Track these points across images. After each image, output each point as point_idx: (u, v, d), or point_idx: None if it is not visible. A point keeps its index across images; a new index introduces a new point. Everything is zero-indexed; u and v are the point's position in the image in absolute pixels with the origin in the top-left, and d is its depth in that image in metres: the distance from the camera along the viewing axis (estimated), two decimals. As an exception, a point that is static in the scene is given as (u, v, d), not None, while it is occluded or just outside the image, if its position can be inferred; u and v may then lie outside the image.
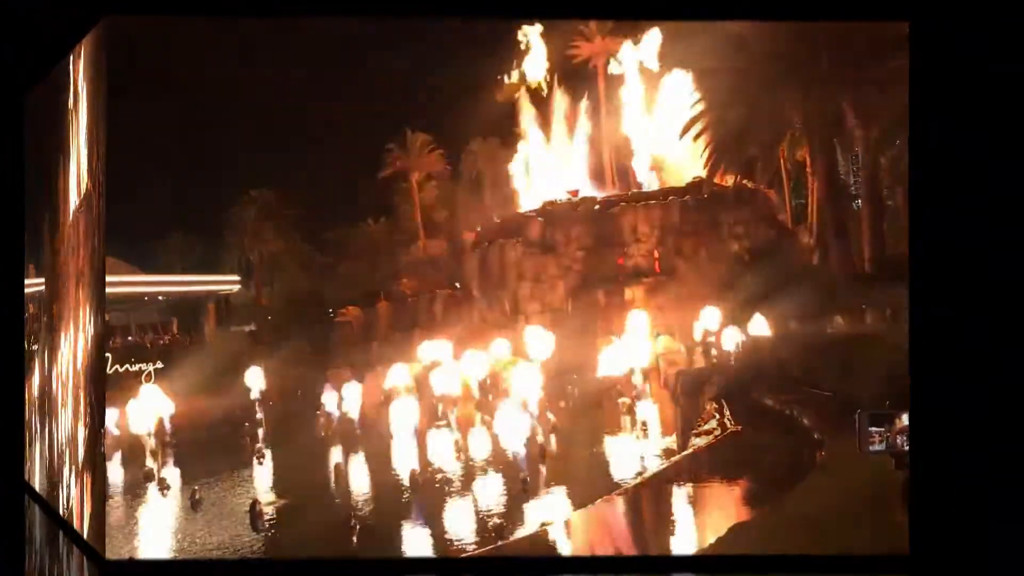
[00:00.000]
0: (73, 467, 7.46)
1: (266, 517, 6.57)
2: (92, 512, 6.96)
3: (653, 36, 10.78)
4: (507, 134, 8.84)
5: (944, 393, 7.38)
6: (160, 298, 6.64)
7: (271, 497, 6.45)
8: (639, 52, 8.91)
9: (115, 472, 6.10)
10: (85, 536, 7.23)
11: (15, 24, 9.54)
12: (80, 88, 7.61)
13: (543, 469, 6.78)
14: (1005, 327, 7.52)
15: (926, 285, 7.13)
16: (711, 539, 6.82)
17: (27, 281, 9.74)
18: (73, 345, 7.48)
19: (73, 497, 7.62)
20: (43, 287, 9.27)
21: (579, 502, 6.89)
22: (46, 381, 8.71)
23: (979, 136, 7.58)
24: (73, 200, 8.01)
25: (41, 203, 9.20)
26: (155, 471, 6.05)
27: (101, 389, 6.70)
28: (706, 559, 6.81)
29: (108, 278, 6.71)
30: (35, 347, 9.66)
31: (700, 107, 7.84)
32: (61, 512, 7.97)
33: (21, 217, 9.81)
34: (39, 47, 9.48)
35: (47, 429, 8.88)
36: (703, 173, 8.55)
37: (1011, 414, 7.54)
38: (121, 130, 6.52)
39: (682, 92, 7.99)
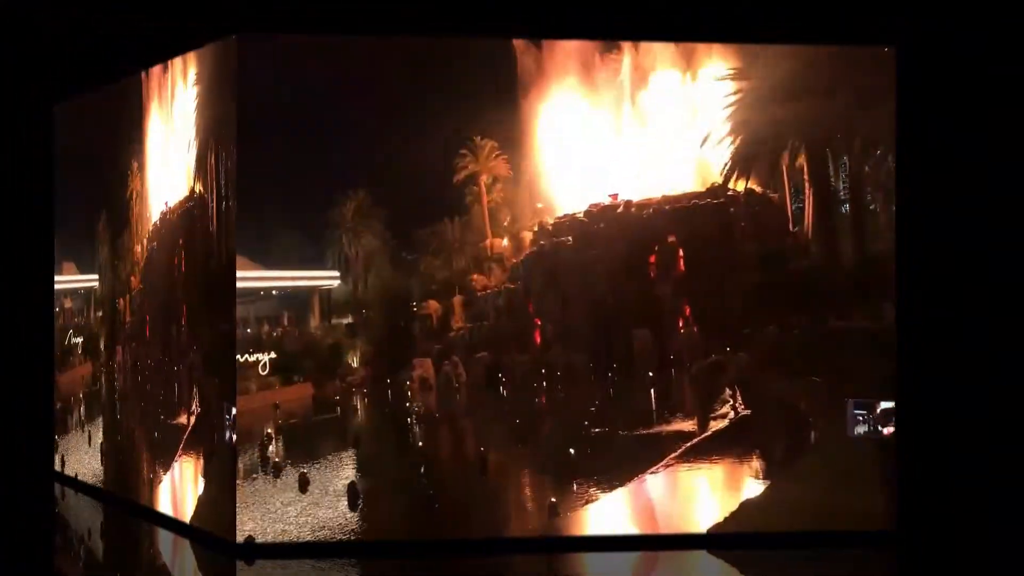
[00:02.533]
0: (184, 457, 8.35)
1: (361, 497, 7.50)
2: (213, 498, 7.90)
3: (683, 52, 11.29)
4: (559, 141, 9.26)
5: (927, 379, 8.46)
6: (274, 292, 6.88)
7: (366, 477, 7.26)
8: (669, 67, 9.35)
9: (237, 457, 6.94)
10: (199, 521, 8.02)
11: (47, 35, 10.46)
12: (181, 96, 8.52)
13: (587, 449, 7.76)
14: (984, 318, 8.67)
15: (908, 281, 8.25)
16: (726, 514, 7.84)
17: (66, 278, 10.70)
18: (186, 339, 8.43)
19: (177, 485, 8.42)
20: (95, 283, 10.15)
21: (619, 482, 7.98)
22: (125, 374, 9.60)
23: (961, 149, 8.70)
24: (162, 202, 8.89)
25: (91, 204, 10.05)
26: (270, 455, 6.74)
27: (231, 381, 7.57)
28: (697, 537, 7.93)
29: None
30: (78, 339, 10.60)
31: (718, 118, 8.39)
32: (154, 502, 8.74)
33: (51, 219, 10.77)
34: (72, 59, 10.42)
35: (119, 421, 9.58)
36: (719, 179, 9.14)
37: (993, 397, 8.68)
38: (247, 140, 7.52)
39: (704, 105, 8.47)
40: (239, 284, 7.54)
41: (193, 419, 8.19)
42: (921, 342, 8.34)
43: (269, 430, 7.61)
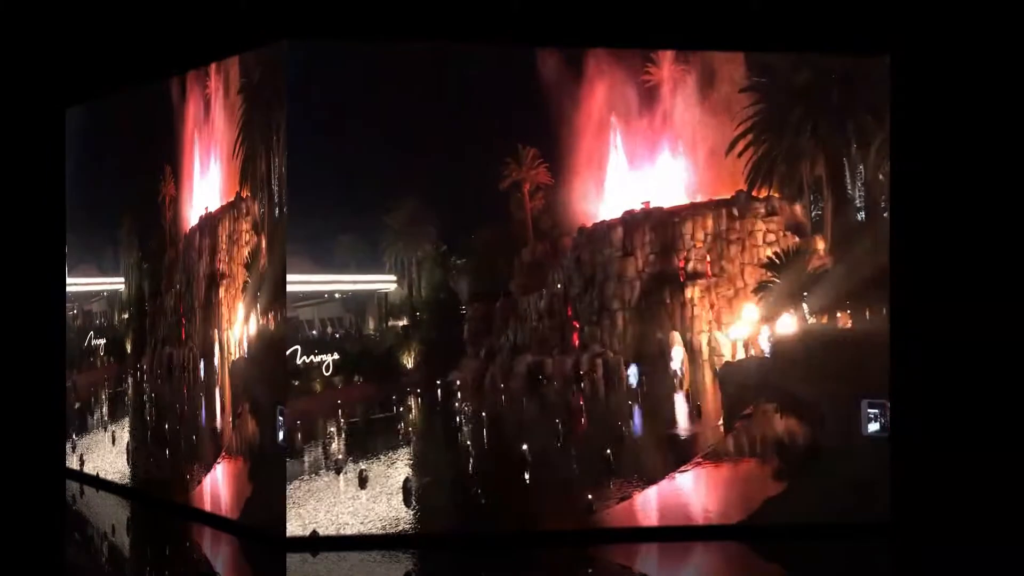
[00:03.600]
0: (231, 455, 8.41)
1: (415, 493, 7.75)
2: (266, 495, 7.93)
3: (711, 64, 11.45)
4: (597, 151, 9.36)
5: (921, 375, 8.90)
6: (337, 295, 6.97)
7: (420, 474, 7.47)
8: (698, 78, 9.50)
9: (298, 455, 7.05)
10: (250, 518, 8.15)
11: (59, 41, 10.58)
12: (226, 101, 8.65)
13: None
14: (972, 319, 9.11)
15: (901, 283, 8.63)
16: (753, 508, 8.15)
17: (85, 280, 10.81)
18: (233, 341, 8.52)
19: (223, 483, 8.53)
20: (120, 286, 10.19)
21: (653, 478, 8.30)
22: (160, 375, 9.53)
23: (955, 156, 9.12)
24: (203, 206, 8.91)
25: (118, 207, 10.10)
26: (332, 452, 6.89)
27: (282, 382, 7.75)
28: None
29: (293, 276, 7.72)
30: (99, 341, 10.70)
31: (742, 128, 8.69)
32: (199, 500, 8.81)
33: (63, 222, 10.73)
34: (83, 65, 10.54)
35: (152, 421, 9.67)
36: (744, 186, 9.43)
37: (984, 393, 9.12)
38: (299, 145, 7.71)
39: (728, 115, 8.69)
40: (303, 287, 7.75)
41: (238, 419, 8.36)
42: (913, 340, 8.75)
43: (332, 428, 7.85)
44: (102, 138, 10.33)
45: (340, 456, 7.75)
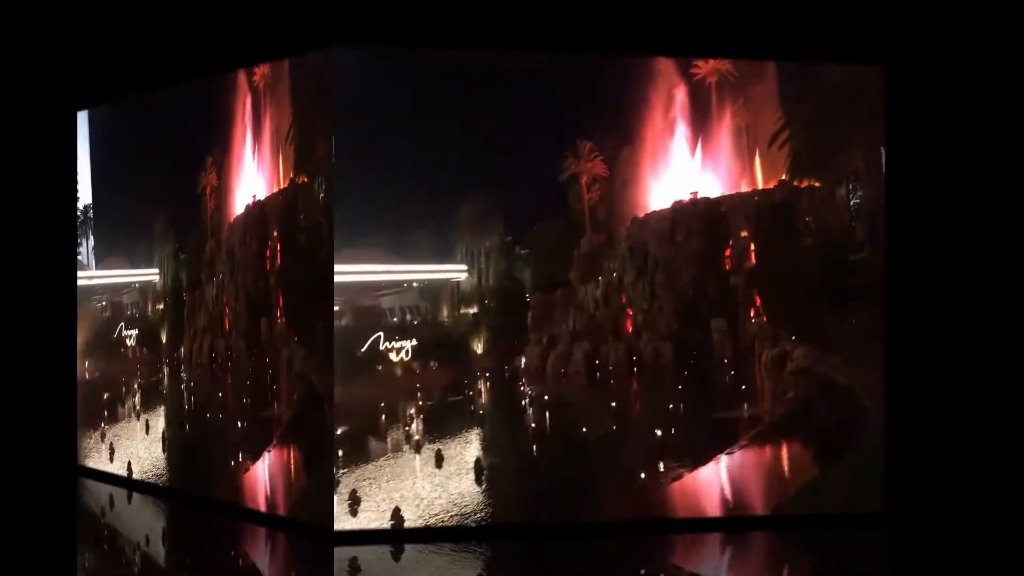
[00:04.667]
0: (284, 443, 8.49)
1: (486, 473, 8.00)
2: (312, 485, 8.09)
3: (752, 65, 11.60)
4: (649, 143, 9.45)
5: (918, 365, 9.01)
6: (415, 284, 7.07)
7: (489, 454, 7.71)
8: (742, 71, 9.63)
9: (383, 435, 7.28)
10: (304, 510, 8.24)
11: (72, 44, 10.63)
12: (280, 93, 8.71)
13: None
14: (971, 319, 9.42)
15: (897, 281, 8.92)
16: (791, 492, 8.40)
17: (113, 272, 10.85)
18: (283, 329, 8.59)
19: (267, 476, 8.61)
20: (154, 277, 10.20)
21: (702, 459, 8.56)
22: (200, 365, 9.56)
23: (950, 166, 9.41)
24: (249, 195, 8.95)
25: (152, 201, 10.12)
26: (411, 433, 7.08)
27: (330, 377, 7.89)
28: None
29: (371, 267, 7.91)
30: (131, 332, 10.74)
31: (783, 119, 8.89)
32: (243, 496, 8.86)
33: (74, 219, 10.91)
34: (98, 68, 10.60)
35: (192, 412, 9.69)
36: (785, 176, 9.61)
37: (981, 386, 9.42)
38: (372, 143, 7.85)
39: (772, 106, 8.88)
40: (383, 277, 7.94)
41: (293, 409, 8.46)
42: (910, 334, 9.05)
43: (411, 411, 8.03)
44: (131, 137, 10.43)
45: (419, 437, 7.99)
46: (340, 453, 7.94)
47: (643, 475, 8.29)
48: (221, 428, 9.31)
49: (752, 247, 8.59)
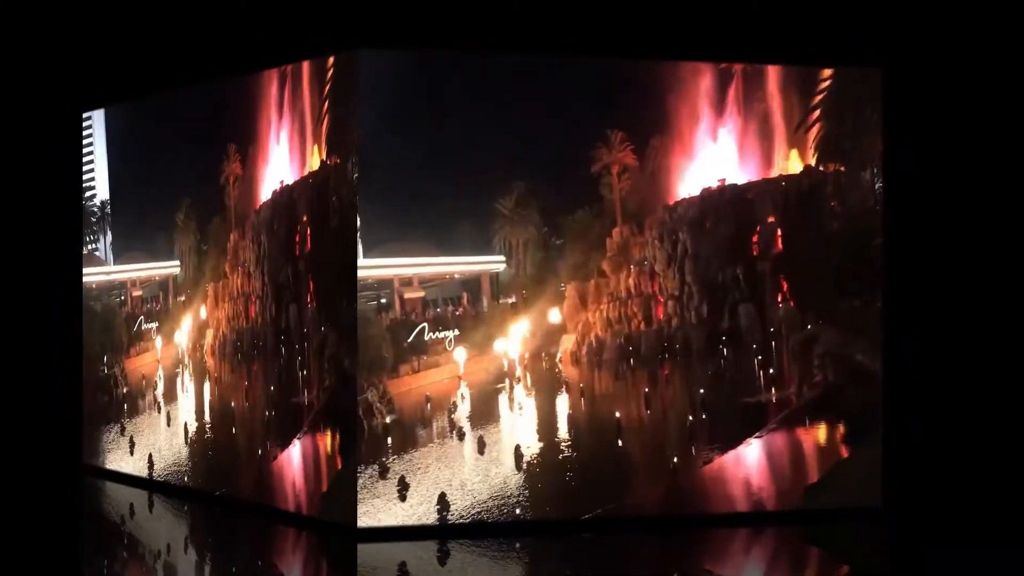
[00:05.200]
0: (317, 431, 8.51)
1: (525, 458, 8.15)
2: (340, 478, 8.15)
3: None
4: (678, 131, 9.48)
5: (914, 361, 9.16)
6: (456, 276, 7.08)
7: (528, 441, 7.87)
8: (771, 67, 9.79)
9: (425, 423, 7.43)
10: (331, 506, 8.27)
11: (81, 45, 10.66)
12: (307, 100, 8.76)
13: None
14: (970, 319, 9.57)
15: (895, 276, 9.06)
16: (821, 474, 8.53)
17: (132, 266, 10.89)
18: (314, 319, 8.60)
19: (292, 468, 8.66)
20: (174, 270, 10.29)
21: (734, 442, 8.67)
22: (225, 356, 9.60)
23: (948, 167, 9.55)
24: (277, 181, 8.97)
25: (172, 195, 10.17)
26: (455, 421, 7.22)
27: (355, 371, 7.96)
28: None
29: (410, 259, 8.09)
30: (151, 325, 10.75)
31: (809, 105, 8.98)
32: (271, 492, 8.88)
33: (78, 218, 11.04)
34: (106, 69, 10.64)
35: (220, 401, 9.69)
36: (812, 162, 9.68)
37: (976, 380, 9.57)
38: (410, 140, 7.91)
39: (798, 94, 8.99)
40: (426, 269, 8.03)
41: (323, 399, 8.51)
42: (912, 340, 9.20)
43: (454, 399, 8.23)
44: (150, 132, 10.49)
45: (461, 424, 8.10)
46: (389, 440, 8.06)
47: (675, 459, 8.36)
48: (248, 418, 9.37)
49: (779, 233, 8.67)
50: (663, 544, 8.16)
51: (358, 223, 8.04)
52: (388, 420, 7.99)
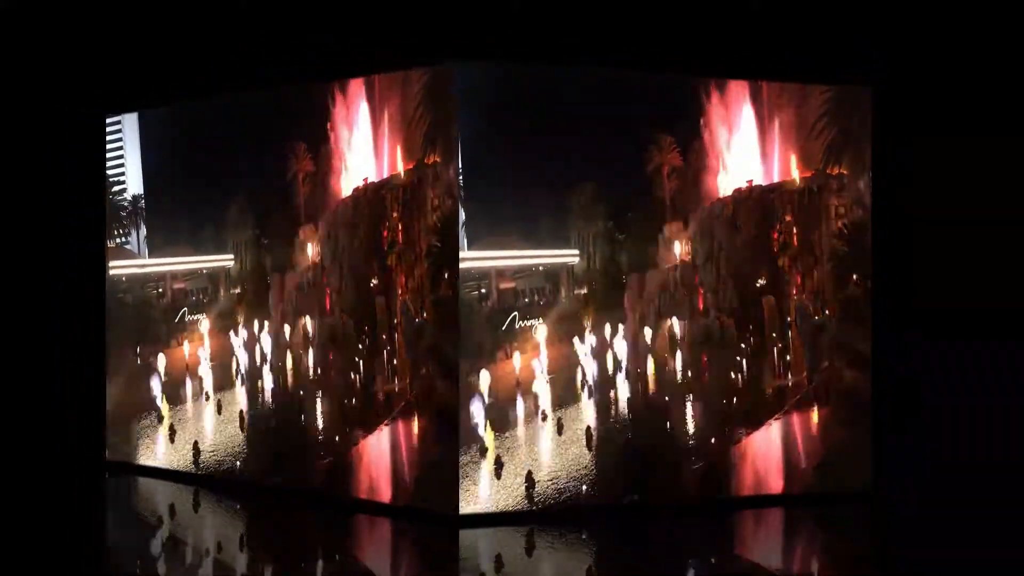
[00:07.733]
0: (406, 419, 9.08)
1: (595, 438, 8.96)
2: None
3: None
4: (717, 134, 10.00)
5: (902, 349, 10.13)
6: (541, 268, 7.47)
7: (596, 423, 8.77)
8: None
9: (516, 407, 8.13)
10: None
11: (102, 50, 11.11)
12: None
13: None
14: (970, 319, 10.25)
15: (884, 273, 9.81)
16: (825, 456, 9.47)
17: (172, 260, 11.30)
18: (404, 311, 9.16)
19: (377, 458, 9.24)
20: (227, 263, 10.59)
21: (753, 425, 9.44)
22: (297, 345, 9.99)
23: (937, 184, 10.19)
24: (361, 178, 9.52)
25: (221, 192, 10.58)
26: (538, 405, 7.89)
27: (457, 357, 8.65)
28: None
29: (498, 252, 8.85)
30: (199, 316, 10.91)
31: (820, 110, 9.70)
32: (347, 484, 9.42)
33: (102, 218, 11.46)
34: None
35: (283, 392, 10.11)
36: (819, 165, 10.45)
37: (966, 368, 10.34)
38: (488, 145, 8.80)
39: (817, 99, 9.70)
40: (514, 262, 8.78)
41: (417, 386, 9.17)
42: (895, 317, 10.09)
43: (536, 385, 9.06)
44: (191, 134, 10.96)
45: (544, 408, 8.88)
46: (488, 422, 8.83)
47: (713, 440, 9.28)
48: (323, 408, 9.88)
49: (795, 230, 9.60)
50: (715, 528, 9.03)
51: (462, 217, 8.79)
52: (488, 403, 8.76)
